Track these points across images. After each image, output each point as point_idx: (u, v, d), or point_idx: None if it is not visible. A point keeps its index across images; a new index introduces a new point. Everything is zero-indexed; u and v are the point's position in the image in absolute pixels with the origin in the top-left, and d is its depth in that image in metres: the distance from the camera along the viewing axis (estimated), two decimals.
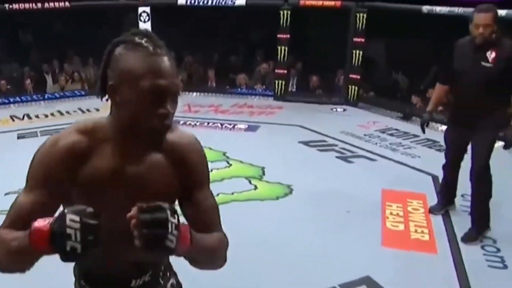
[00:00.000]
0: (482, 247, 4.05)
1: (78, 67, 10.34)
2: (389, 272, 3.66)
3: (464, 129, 4.06)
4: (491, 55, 3.80)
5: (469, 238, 4.09)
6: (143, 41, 1.38)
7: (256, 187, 5.09)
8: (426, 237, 4.22)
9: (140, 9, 9.05)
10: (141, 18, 9.07)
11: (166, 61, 1.38)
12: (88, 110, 8.14)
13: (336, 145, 6.69)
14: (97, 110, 8.05)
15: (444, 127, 4.81)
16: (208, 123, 7.65)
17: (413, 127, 7.41)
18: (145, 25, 8.98)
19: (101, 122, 1.50)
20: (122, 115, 1.42)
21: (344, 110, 8.74)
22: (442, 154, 4.48)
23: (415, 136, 7.05)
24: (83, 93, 9.25)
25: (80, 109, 8.23)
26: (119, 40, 1.43)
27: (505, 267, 3.79)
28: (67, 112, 8.09)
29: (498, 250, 4.03)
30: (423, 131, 4.45)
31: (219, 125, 7.53)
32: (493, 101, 3.86)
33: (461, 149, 4.28)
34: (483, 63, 3.82)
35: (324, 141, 6.86)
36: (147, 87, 1.34)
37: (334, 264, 3.72)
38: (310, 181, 5.30)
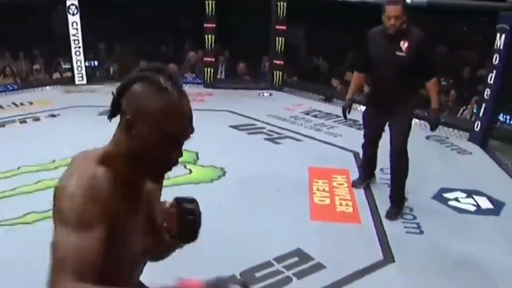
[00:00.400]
0: (401, 215, 4.22)
1: (9, 61, 9.90)
2: (319, 244, 3.76)
3: (382, 112, 4.15)
4: (404, 44, 3.87)
5: (391, 214, 4.18)
6: (168, 86, 1.31)
7: (191, 171, 5.08)
8: (350, 209, 4.36)
9: (69, 2, 8.72)
10: (70, 10, 8.75)
11: (189, 108, 1.34)
12: (22, 104, 7.82)
13: (264, 128, 6.75)
14: (31, 103, 7.77)
15: (363, 108, 4.90)
16: None
17: (334, 108, 7.57)
18: (74, 18, 8.70)
19: (110, 152, 1.40)
20: (135, 147, 1.35)
21: (270, 94, 8.81)
22: (362, 133, 4.61)
23: (337, 116, 7.20)
24: (15, 87, 8.86)
25: (13, 103, 7.89)
26: (140, 76, 1.34)
27: (421, 232, 3.98)
28: (1, 107, 7.76)
29: (415, 217, 4.21)
30: (345, 117, 4.44)
31: None
32: (408, 87, 3.97)
33: (379, 129, 4.38)
34: (398, 53, 3.88)
35: (253, 124, 6.91)
36: (170, 134, 1.31)
37: (267, 240, 3.77)
38: (241, 163, 5.34)
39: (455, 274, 3.47)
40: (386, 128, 4.29)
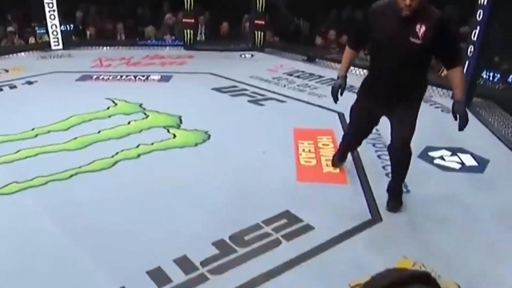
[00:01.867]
0: (387, 175, 4.22)
1: None
2: (306, 205, 3.74)
3: (379, 105, 3.54)
4: (420, 29, 3.15)
5: (394, 207, 3.73)
6: None
7: (174, 136, 5.01)
8: (337, 170, 4.34)
9: None
10: None
11: None
12: None
13: (247, 90, 6.68)
14: (6, 71, 7.57)
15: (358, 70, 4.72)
16: (121, 76, 7.37)
17: (317, 69, 7.54)
18: None
19: None
20: None
21: (252, 55, 8.71)
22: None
23: (320, 77, 7.17)
24: None
25: None
26: None
27: (408, 191, 3.98)
28: None
29: None
30: (336, 100, 3.70)
31: (133, 78, 7.28)
32: (418, 78, 3.42)
33: (371, 126, 3.82)
34: (412, 39, 3.18)
35: (236, 86, 6.83)
36: None
37: (255, 202, 3.75)
38: (225, 126, 5.30)
39: (441, 231, 3.49)
40: (385, 123, 3.70)
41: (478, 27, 5.82)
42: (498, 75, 6.16)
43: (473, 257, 3.20)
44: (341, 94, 3.67)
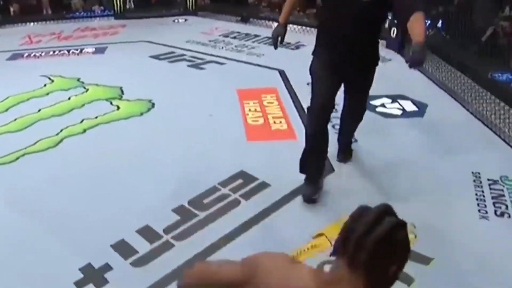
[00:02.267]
0: (333, 126, 4.31)
1: None
2: (260, 163, 3.78)
3: (340, 61, 3.14)
4: None
5: (344, 158, 3.80)
6: None
7: (118, 107, 4.90)
8: (285, 126, 4.39)
9: None
10: None
11: None
12: None
13: (185, 55, 6.59)
14: None
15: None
16: (54, 51, 7.09)
17: (252, 28, 7.50)
18: None
19: None
20: None
21: (186, 20, 8.57)
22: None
23: (256, 36, 7.15)
24: None
25: None
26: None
27: (356, 141, 4.08)
28: None
29: None
30: (276, 47, 3.37)
31: (66, 52, 7.02)
32: (370, 38, 3.19)
33: (337, 83, 3.30)
34: None
35: (173, 52, 6.73)
36: None
37: (209, 166, 3.74)
38: (168, 93, 5.23)
39: (390, 175, 3.61)
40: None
41: None
42: (428, 21, 6.30)
43: (424, 197, 3.34)
44: (281, 42, 3.37)
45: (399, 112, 4.64)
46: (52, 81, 5.68)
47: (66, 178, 3.67)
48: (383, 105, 4.75)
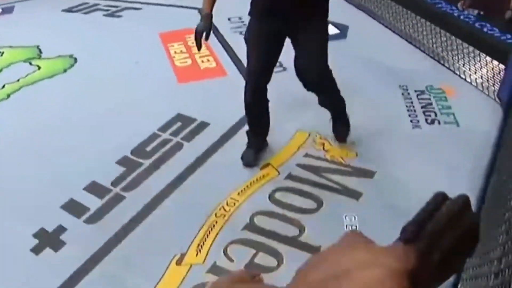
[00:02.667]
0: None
1: None
2: (195, 104, 3.76)
3: (280, 23, 2.76)
4: None
5: (343, 135, 3.25)
6: None
7: (39, 67, 4.67)
8: (214, 64, 4.36)
9: None
10: None
11: None
12: None
13: (98, 4, 6.28)
14: None
15: None
16: None
17: None
18: None
19: None
20: None
21: None
22: None
23: None
24: None
25: None
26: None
27: (284, 69, 4.12)
28: None
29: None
30: (199, 47, 2.79)
31: None
32: None
33: (276, 52, 2.94)
34: None
35: (86, 3, 6.38)
36: None
37: (145, 113, 3.67)
38: (89, 45, 5.01)
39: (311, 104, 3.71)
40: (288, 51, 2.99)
41: None
42: None
43: (360, 117, 3.44)
44: (206, 39, 2.76)
45: None
46: None
47: (1, 147, 3.52)
48: None
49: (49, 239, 2.63)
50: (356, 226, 2.56)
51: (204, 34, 2.72)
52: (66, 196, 2.90)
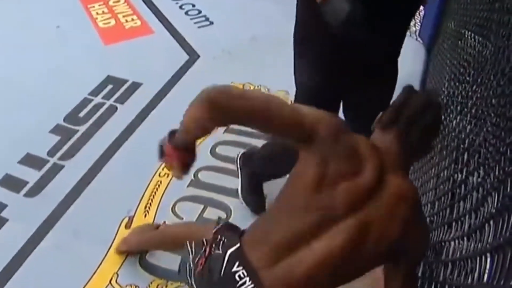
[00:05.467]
0: (186, 13, 4.19)
1: None
2: (124, 64, 3.58)
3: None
4: None
5: None
6: None
7: None
8: (138, 23, 4.17)
9: None
10: None
11: None
12: None
13: None
14: None
15: None
16: None
17: None
18: None
19: None
20: None
21: None
22: None
23: None
24: None
25: None
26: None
27: (211, 23, 4.02)
28: None
29: (200, 11, 4.22)
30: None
31: None
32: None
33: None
34: None
35: None
36: None
37: (72, 78, 3.45)
38: (5, 13, 4.65)
39: (248, 50, 3.65)
40: None
41: None
42: None
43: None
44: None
45: None
46: None
47: None
48: None
49: None
50: None
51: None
52: (1, 171, 2.70)
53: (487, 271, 1.00)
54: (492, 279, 0.94)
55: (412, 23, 3.51)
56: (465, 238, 1.33)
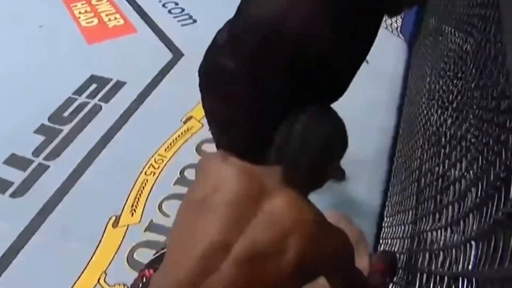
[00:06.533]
0: (170, 12, 4.18)
1: None
2: (107, 63, 3.56)
3: None
4: None
5: None
6: None
7: None
8: (122, 22, 4.14)
9: None
10: None
11: None
12: None
13: None
14: None
15: None
16: None
17: None
18: None
19: None
20: None
21: None
22: None
23: None
24: None
25: None
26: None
27: (195, 21, 4.01)
28: None
29: (183, 9, 4.20)
30: None
31: None
32: None
33: None
34: None
35: None
36: None
37: (56, 78, 3.41)
38: None
39: None
40: None
41: None
42: None
43: None
44: None
45: None
46: None
47: None
48: None
49: None
50: None
51: None
52: None
53: (472, 259, 1.02)
54: (477, 267, 0.95)
55: (393, 20, 3.55)
56: (449, 229, 1.35)
